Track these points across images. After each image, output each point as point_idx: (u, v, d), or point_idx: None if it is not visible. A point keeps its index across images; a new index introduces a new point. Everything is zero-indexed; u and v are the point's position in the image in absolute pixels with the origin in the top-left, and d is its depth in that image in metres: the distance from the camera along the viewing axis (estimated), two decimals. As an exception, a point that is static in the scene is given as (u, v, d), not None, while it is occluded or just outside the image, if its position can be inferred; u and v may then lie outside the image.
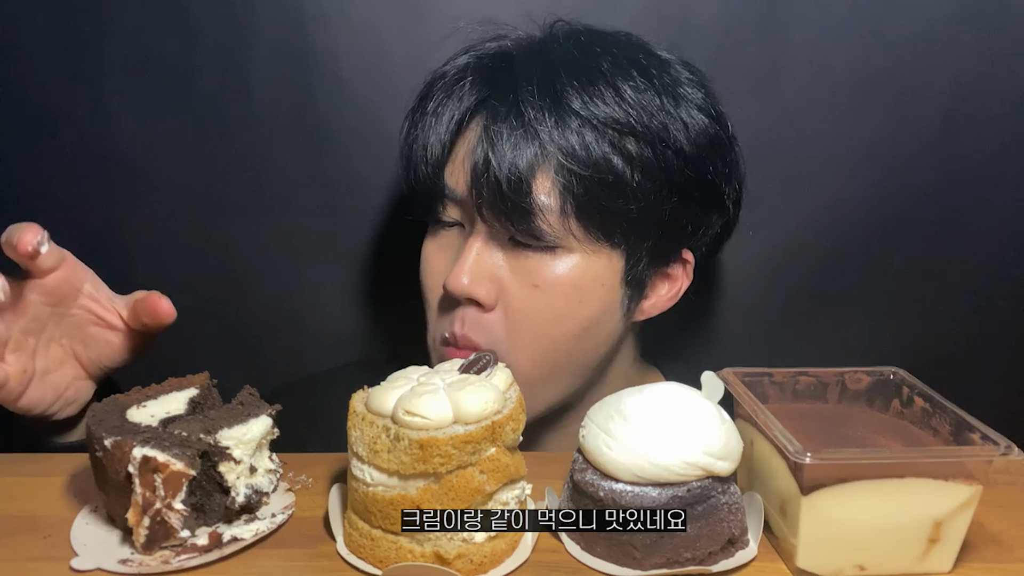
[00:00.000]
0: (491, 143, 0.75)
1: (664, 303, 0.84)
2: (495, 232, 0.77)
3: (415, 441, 0.52)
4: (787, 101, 1.00)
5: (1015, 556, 0.58)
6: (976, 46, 0.99)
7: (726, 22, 0.98)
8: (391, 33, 0.99)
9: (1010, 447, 0.54)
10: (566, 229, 0.75)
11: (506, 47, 0.81)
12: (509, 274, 0.78)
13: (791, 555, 0.56)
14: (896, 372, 0.65)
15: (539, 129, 0.74)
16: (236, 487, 0.59)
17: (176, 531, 0.56)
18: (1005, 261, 1.06)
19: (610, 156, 0.74)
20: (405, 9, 0.98)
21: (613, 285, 0.79)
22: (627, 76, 0.76)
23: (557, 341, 0.78)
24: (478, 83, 0.78)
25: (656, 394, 0.58)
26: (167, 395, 0.63)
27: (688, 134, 0.77)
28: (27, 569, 0.55)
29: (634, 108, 0.75)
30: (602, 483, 0.56)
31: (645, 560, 0.55)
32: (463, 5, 0.98)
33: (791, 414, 0.60)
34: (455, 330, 0.79)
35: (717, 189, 0.81)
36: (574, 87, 0.75)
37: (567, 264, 0.77)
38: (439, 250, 0.82)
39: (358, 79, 1.00)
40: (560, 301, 0.77)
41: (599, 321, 0.79)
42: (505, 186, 0.74)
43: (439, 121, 0.79)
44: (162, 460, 0.54)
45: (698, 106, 0.79)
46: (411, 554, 0.55)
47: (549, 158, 0.74)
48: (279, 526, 0.60)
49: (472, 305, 0.78)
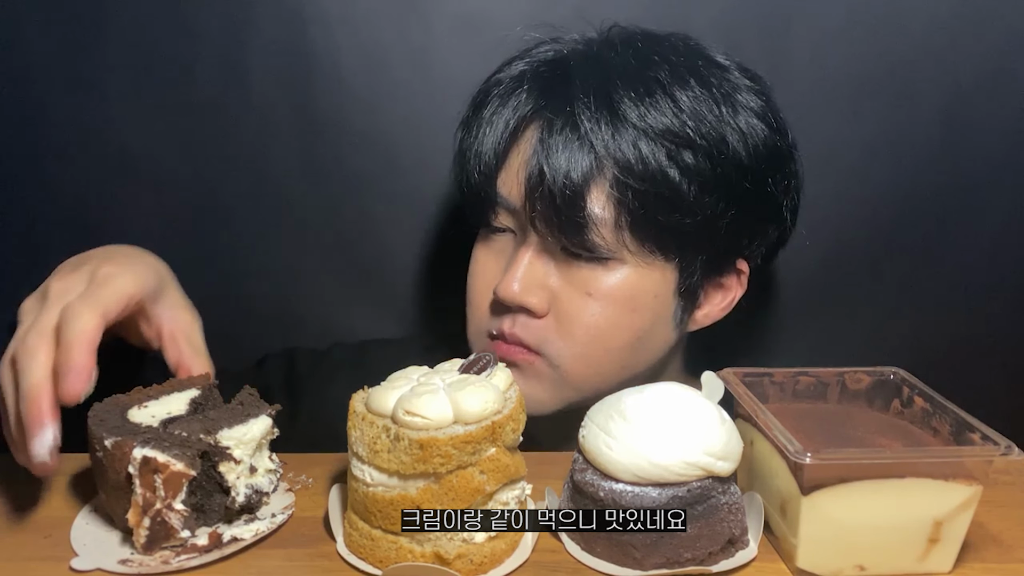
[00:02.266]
0: (546, 154, 0.74)
1: (717, 313, 0.83)
2: (548, 242, 0.76)
3: (415, 441, 0.52)
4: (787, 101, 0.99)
5: (1015, 556, 0.58)
6: (976, 46, 0.99)
7: (727, 22, 0.98)
8: (391, 33, 0.99)
9: (1010, 447, 0.54)
10: (620, 242, 0.74)
11: (562, 54, 0.80)
12: (561, 283, 0.77)
13: (791, 555, 0.56)
14: (896, 372, 0.65)
15: (594, 141, 0.72)
16: (236, 487, 0.59)
17: (176, 531, 0.55)
18: (1005, 261, 1.05)
19: (667, 169, 0.73)
20: (405, 9, 0.98)
21: (666, 296, 0.78)
22: (685, 85, 0.74)
23: (610, 350, 0.78)
24: (534, 92, 0.77)
25: (656, 394, 0.58)
26: (168, 395, 0.63)
27: (747, 144, 0.75)
28: (27, 569, 0.55)
29: (692, 119, 0.73)
30: (602, 483, 0.56)
31: (645, 560, 0.55)
32: (463, 5, 0.98)
33: (791, 414, 0.60)
34: (504, 328, 0.78)
35: (775, 200, 0.80)
36: (631, 97, 0.73)
37: (620, 276, 0.76)
38: (490, 255, 0.81)
39: (358, 79, 0.99)
40: (612, 311, 0.76)
41: (651, 331, 0.79)
42: (559, 199, 0.73)
43: (493, 129, 0.78)
44: (162, 460, 0.54)
45: (757, 114, 0.77)
46: (411, 554, 0.55)
47: (604, 171, 0.73)
48: (279, 526, 0.60)
49: (523, 311, 0.77)
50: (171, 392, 0.63)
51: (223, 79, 0.99)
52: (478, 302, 0.82)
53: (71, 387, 0.56)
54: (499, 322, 0.79)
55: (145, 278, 0.65)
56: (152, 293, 0.66)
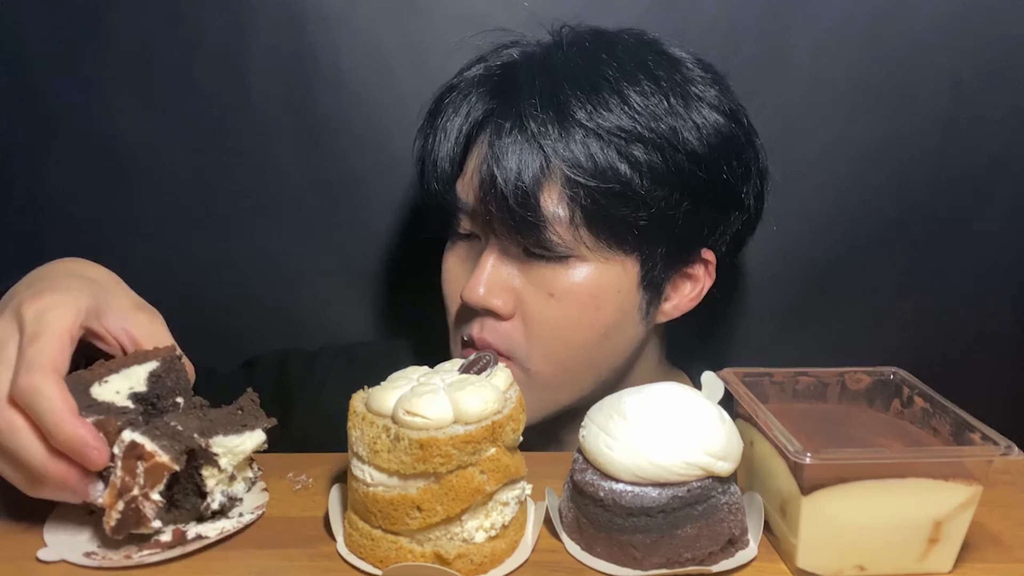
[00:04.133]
0: (496, 158, 0.74)
1: (687, 304, 0.83)
2: (508, 244, 0.77)
3: (415, 441, 0.52)
4: (787, 101, 1.00)
5: (1015, 556, 0.58)
6: (976, 46, 0.99)
7: (726, 22, 0.98)
8: (391, 33, 0.99)
9: (1010, 447, 0.54)
10: (577, 239, 0.75)
11: (512, 58, 0.81)
12: (525, 284, 0.78)
13: (791, 555, 0.56)
14: (896, 372, 0.65)
15: (543, 142, 0.73)
16: (213, 493, 0.59)
17: (148, 521, 0.55)
18: (1005, 261, 1.05)
19: (616, 165, 0.74)
20: (405, 9, 0.98)
21: (630, 290, 0.78)
22: (633, 81, 0.75)
23: (576, 348, 0.78)
24: (484, 97, 0.78)
25: (656, 394, 0.58)
26: (128, 368, 0.60)
27: (700, 135, 0.76)
28: (27, 569, 0.55)
29: (641, 114, 0.74)
30: (602, 483, 0.56)
31: (645, 560, 0.55)
32: (463, 5, 0.98)
33: (791, 414, 0.60)
34: (473, 333, 0.79)
35: (734, 188, 0.80)
36: (578, 97, 0.74)
37: (581, 273, 0.76)
38: (458, 261, 0.83)
39: (358, 79, 0.99)
40: (576, 309, 0.77)
41: (618, 326, 0.79)
42: (512, 201, 0.74)
43: (447, 137, 0.79)
44: (149, 449, 0.54)
45: (711, 104, 0.77)
46: (411, 554, 0.55)
47: (555, 170, 0.74)
48: (245, 526, 0.60)
49: (490, 315, 0.78)
50: (131, 365, 0.60)
51: (223, 79, 0.99)
52: (450, 308, 0.83)
53: (92, 462, 0.53)
54: (468, 327, 0.80)
55: (78, 300, 0.58)
56: (93, 312, 0.59)
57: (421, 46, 0.98)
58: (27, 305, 0.56)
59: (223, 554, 0.57)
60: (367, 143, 1.01)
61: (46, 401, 0.52)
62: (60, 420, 0.52)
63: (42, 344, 0.54)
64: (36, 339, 0.54)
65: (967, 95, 1.00)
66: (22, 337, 0.55)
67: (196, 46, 0.98)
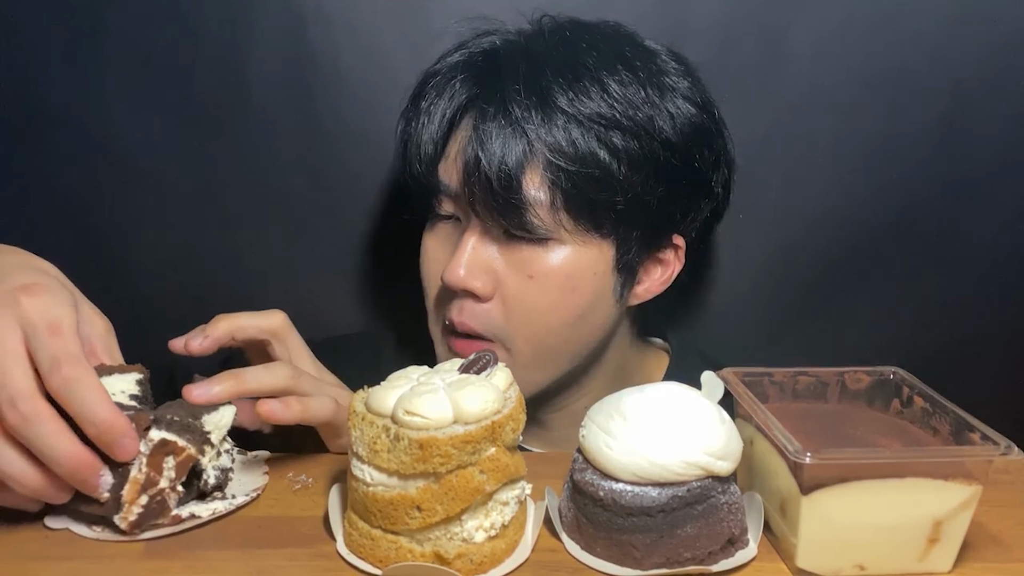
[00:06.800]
0: (480, 142, 0.76)
1: (657, 287, 0.86)
2: (489, 226, 0.79)
3: (415, 441, 0.52)
4: (787, 101, 1.00)
5: (1015, 556, 0.58)
6: (976, 46, 0.99)
7: (726, 22, 0.98)
8: (391, 33, 0.99)
9: (1010, 447, 0.54)
10: (557, 222, 0.77)
11: (495, 45, 0.82)
12: (504, 266, 0.79)
13: (791, 555, 0.56)
14: (896, 372, 0.65)
15: (526, 127, 0.75)
16: (207, 470, 0.61)
17: (171, 510, 0.59)
18: (1005, 261, 1.05)
19: (596, 151, 0.76)
20: (405, 9, 0.98)
21: (605, 273, 0.80)
22: (612, 70, 0.77)
23: (553, 328, 0.80)
24: (468, 82, 0.80)
25: (656, 394, 0.58)
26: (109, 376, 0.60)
27: (674, 124, 0.78)
28: (27, 569, 0.55)
29: (620, 102, 0.76)
30: (602, 483, 0.56)
31: (645, 560, 0.55)
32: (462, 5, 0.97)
33: (791, 414, 0.60)
34: (453, 316, 0.81)
35: (704, 176, 0.83)
36: (559, 84, 0.76)
37: (560, 255, 0.78)
38: (437, 243, 0.84)
39: (358, 79, 1.00)
40: (554, 291, 0.79)
41: (593, 308, 0.81)
42: (496, 183, 0.75)
43: (431, 120, 0.81)
44: (181, 444, 0.57)
45: (684, 95, 0.80)
46: (411, 554, 0.55)
47: (537, 155, 0.76)
48: (238, 507, 0.62)
49: (470, 296, 0.80)
50: (112, 373, 0.61)
51: (223, 79, 0.99)
52: (429, 291, 0.85)
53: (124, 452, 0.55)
54: (448, 310, 0.81)
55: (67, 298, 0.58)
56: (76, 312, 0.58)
57: (421, 46, 0.98)
58: (24, 299, 0.56)
59: (223, 554, 0.57)
60: (366, 142, 1.01)
61: (90, 391, 0.53)
62: (102, 409, 0.53)
63: (67, 337, 0.55)
64: (58, 332, 0.55)
65: (967, 95, 1.00)
66: (32, 331, 0.54)
67: (196, 46, 0.98)
